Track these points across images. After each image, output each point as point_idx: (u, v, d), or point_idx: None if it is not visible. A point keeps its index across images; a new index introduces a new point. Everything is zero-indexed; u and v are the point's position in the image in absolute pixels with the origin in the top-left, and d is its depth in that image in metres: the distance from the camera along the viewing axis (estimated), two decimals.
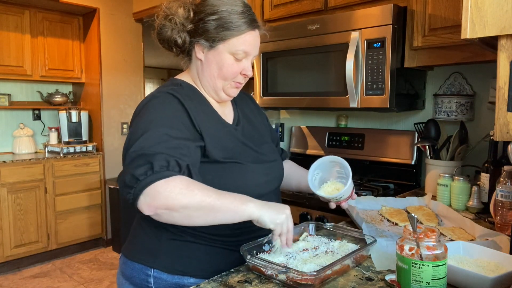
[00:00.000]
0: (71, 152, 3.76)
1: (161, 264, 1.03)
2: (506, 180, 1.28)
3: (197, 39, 1.05)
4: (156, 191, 0.84)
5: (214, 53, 1.05)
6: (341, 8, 1.99)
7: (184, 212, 0.86)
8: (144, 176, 0.85)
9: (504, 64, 0.82)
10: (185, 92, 1.05)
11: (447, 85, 1.98)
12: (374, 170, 2.17)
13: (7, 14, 3.57)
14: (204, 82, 1.10)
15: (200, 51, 1.07)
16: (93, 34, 3.96)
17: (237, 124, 1.16)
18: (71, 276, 3.34)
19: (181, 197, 0.85)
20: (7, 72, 3.59)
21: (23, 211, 3.41)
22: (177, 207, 0.85)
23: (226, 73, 1.06)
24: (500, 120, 0.83)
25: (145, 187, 0.84)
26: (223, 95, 1.11)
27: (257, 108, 1.31)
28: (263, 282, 0.91)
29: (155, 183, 0.84)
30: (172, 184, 0.85)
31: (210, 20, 1.02)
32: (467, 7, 0.84)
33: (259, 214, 0.91)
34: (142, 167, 0.86)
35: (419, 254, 0.79)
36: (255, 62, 2.24)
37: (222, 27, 1.02)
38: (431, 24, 1.67)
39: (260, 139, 1.19)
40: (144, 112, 0.98)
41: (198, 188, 0.87)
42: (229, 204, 0.89)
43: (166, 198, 0.84)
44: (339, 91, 1.89)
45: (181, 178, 0.87)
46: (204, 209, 0.87)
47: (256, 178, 1.09)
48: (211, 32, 1.03)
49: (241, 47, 1.04)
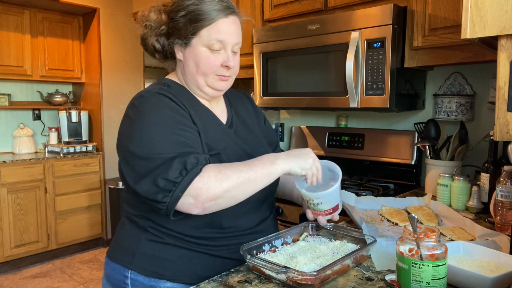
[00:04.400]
0: (71, 152, 3.76)
1: (137, 266, 1.01)
2: (506, 180, 1.28)
3: (172, 40, 1.04)
4: (197, 188, 0.86)
5: (189, 50, 1.02)
6: (341, 8, 1.99)
7: (228, 194, 0.89)
8: (180, 178, 0.86)
9: (504, 64, 0.82)
10: (174, 92, 1.03)
11: (447, 85, 1.98)
12: (374, 170, 2.17)
13: (7, 14, 3.57)
14: (188, 82, 1.07)
15: (179, 52, 1.05)
16: (93, 34, 3.96)
17: (230, 125, 1.12)
18: (71, 276, 3.34)
19: (220, 183, 0.87)
20: (7, 72, 3.59)
21: (23, 211, 3.41)
22: (221, 194, 0.87)
23: (204, 67, 1.02)
24: (500, 120, 0.83)
25: (185, 188, 0.85)
26: (209, 91, 1.07)
27: (254, 109, 1.27)
28: (263, 282, 0.91)
29: (193, 181, 0.86)
30: (206, 176, 0.87)
31: (179, 17, 1.00)
32: (467, 7, 0.84)
33: (290, 167, 0.95)
34: (174, 170, 0.86)
35: (419, 254, 0.79)
36: (255, 62, 2.25)
37: (191, 20, 0.99)
38: (431, 24, 1.67)
39: (254, 142, 1.15)
40: (140, 115, 0.95)
41: (228, 169, 0.90)
42: (261, 169, 0.92)
43: (207, 190, 0.86)
44: (339, 91, 1.89)
45: (210, 167, 0.89)
46: (243, 185, 0.89)
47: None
48: (181, 29, 1.00)
49: (213, 36, 0.99)
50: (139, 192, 0.89)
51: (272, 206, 1.19)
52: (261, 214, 1.12)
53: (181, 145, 0.91)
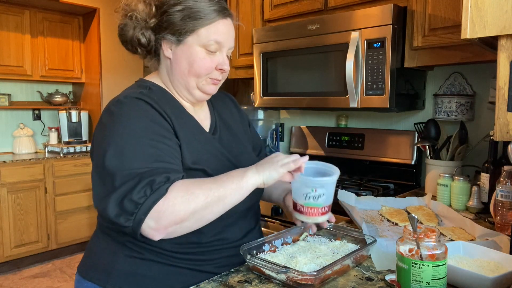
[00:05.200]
0: (71, 152, 3.76)
1: (114, 284, 0.93)
2: (506, 180, 1.28)
3: (162, 34, 0.96)
4: (160, 211, 0.78)
5: (183, 48, 0.95)
6: (341, 8, 1.99)
7: (195, 216, 0.81)
8: (144, 198, 0.78)
9: (504, 64, 0.82)
10: (155, 96, 0.95)
11: (447, 85, 1.98)
12: (374, 170, 2.17)
13: (7, 14, 3.57)
14: (175, 82, 1.00)
15: (167, 48, 0.97)
16: (93, 34, 3.96)
17: (214, 132, 1.06)
18: (71, 276, 3.34)
19: (186, 205, 0.79)
20: (7, 72, 3.59)
21: (23, 211, 3.41)
22: (187, 216, 0.80)
23: (198, 68, 0.96)
24: (500, 120, 0.83)
25: (148, 210, 0.77)
26: (198, 94, 1.00)
27: (238, 110, 1.21)
28: (263, 282, 0.91)
29: (157, 203, 0.78)
30: (172, 197, 0.79)
31: (175, 11, 0.93)
32: (467, 7, 0.84)
33: (262, 178, 0.87)
34: (140, 189, 0.78)
35: (419, 254, 0.79)
36: (255, 62, 2.25)
37: (189, 17, 0.93)
38: (431, 24, 1.67)
39: (239, 148, 1.10)
40: (115, 123, 0.87)
41: (197, 187, 0.82)
42: (231, 185, 0.84)
43: (172, 214, 0.78)
44: (339, 91, 1.89)
45: (177, 186, 0.81)
46: (212, 204, 0.82)
47: None
48: (176, 24, 0.93)
49: (212, 37, 0.94)
50: (101, 213, 0.82)
51: (258, 216, 1.15)
52: (247, 225, 1.08)
53: (154, 159, 0.83)
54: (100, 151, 0.86)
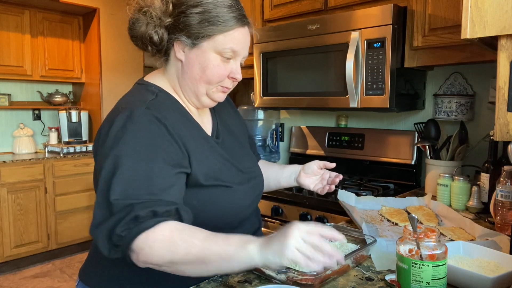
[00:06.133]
0: (71, 152, 3.76)
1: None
2: (506, 180, 1.28)
3: (177, 35, 0.91)
4: (139, 247, 0.75)
5: (197, 52, 0.91)
6: (341, 8, 1.99)
7: (173, 267, 0.76)
8: (127, 231, 0.75)
9: (504, 64, 0.82)
10: (163, 105, 0.91)
11: (447, 85, 1.98)
12: (374, 170, 2.17)
13: (7, 14, 3.57)
14: (184, 86, 0.96)
15: (180, 50, 0.93)
16: (93, 34, 3.96)
17: (217, 136, 1.03)
18: (71, 276, 3.34)
19: (164, 252, 0.74)
20: (7, 72, 3.59)
21: (23, 211, 3.41)
22: (162, 263, 0.75)
23: (211, 75, 0.92)
24: (500, 120, 0.83)
25: (130, 243, 0.75)
26: (206, 101, 0.97)
27: (234, 110, 1.19)
28: (263, 282, 0.91)
29: (137, 237, 0.74)
30: (152, 238, 0.74)
31: (193, 13, 0.89)
32: (467, 7, 0.84)
33: (262, 261, 0.72)
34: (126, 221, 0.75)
35: (419, 254, 0.79)
36: (255, 62, 2.24)
37: (207, 21, 0.89)
38: (431, 24, 1.67)
39: (241, 150, 1.08)
40: (118, 141, 0.82)
41: (182, 238, 0.75)
42: (221, 253, 0.73)
43: (148, 254, 0.75)
44: (339, 91, 1.89)
45: (164, 227, 0.76)
46: (192, 263, 0.74)
47: (243, 201, 0.99)
48: (193, 27, 0.89)
49: (228, 45, 0.91)
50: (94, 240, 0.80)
51: (260, 216, 1.15)
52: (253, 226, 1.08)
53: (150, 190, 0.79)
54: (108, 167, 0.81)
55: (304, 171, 1.22)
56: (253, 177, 1.06)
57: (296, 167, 1.24)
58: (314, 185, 1.22)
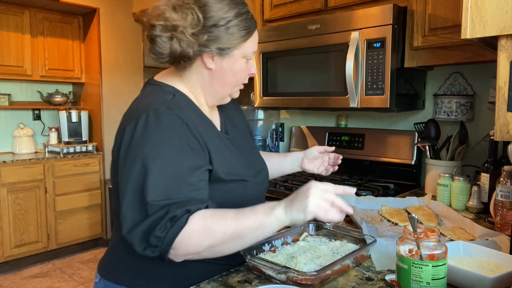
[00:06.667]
0: (71, 152, 3.76)
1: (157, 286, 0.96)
2: (506, 180, 1.28)
3: (208, 47, 0.93)
4: (178, 243, 0.80)
5: (228, 60, 0.96)
6: (341, 8, 1.99)
7: (212, 250, 0.83)
8: (165, 232, 0.79)
9: (504, 64, 0.82)
10: (182, 105, 0.94)
11: (447, 85, 1.98)
12: (374, 170, 2.17)
13: (7, 14, 3.57)
14: (211, 91, 1.00)
15: (209, 60, 0.95)
16: (93, 34, 3.96)
17: (226, 132, 1.08)
18: (71, 276, 3.34)
19: (202, 240, 0.81)
20: (7, 72, 3.59)
21: (23, 211, 3.41)
22: (202, 249, 0.82)
23: (240, 78, 1.01)
24: (500, 120, 0.83)
25: (170, 244, 0.80)
26: (227, 100, 1.06)
27: (236, 106, 1.23)
28: (263, 282, 0.91)
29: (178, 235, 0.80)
30: (188, 231, 0.80)
31: (223, 26, 0.92)
32: (467, 7, 0.84)
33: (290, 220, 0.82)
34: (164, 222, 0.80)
35: (419, 254, 0.79)
36: (255, 62, 2.24)
37: (236, 31, 0.94)
38: (431, 24, 1.67)
39: (248, 145, 1.13)
40: (145, 143, 0.85)
41: (215, 222, 0.82)
42: (253, 223, 0.81)
43: (187, 247, 0.81)
44: (339, 91, 1.89)
45: (196, 218, 0.81)
46: (230, 240, 0.82)
47: (257, 192, 1.06)
48: (224, 38, 0.93)
49: (252, 48, 0.99)
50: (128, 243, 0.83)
51: None
52: None
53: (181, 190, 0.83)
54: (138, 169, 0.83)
55: (306, 157, 1.32)
56: (261, 169, 1.11)
57: (297, 154, 1.34)
58: (317, 168, 1.32)
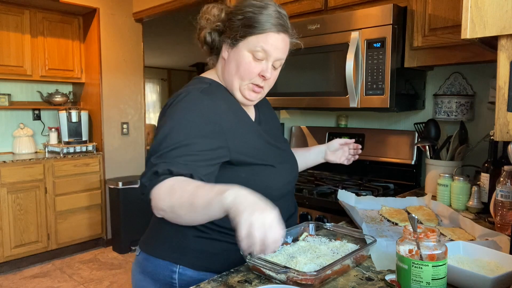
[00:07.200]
0: (71, 152, 3.76)
1: (187, 261, 1.05)
2: (506, 180, 1.28)
3: (223, 37, 1.10)
4: (153, 195, 0.89)
5: (235, 51, 1.07)
6: (341, 8, 1.99)
7: (173, 211, 0.87)
8: (148, 182, 0.90)
9: (504, 64, 0.82)
10: (214, 92, 1.08)
11: (447, 85, 1.98)
12: (374, 170, 2.17)
13: (7, 14, 3.57)
14: (225, 80, 1.13)
15: (225, 50, 1.10)
16: (93, 34, 3.96)
17: (259, 123, 1.19)
18: (71, 276, 3.34)
19: (165, 198, 0.87)
20: (7, 72, 3.59)
21: (23, 211, 3.41)
22: (165, 208, 0.88)
23: (243, 71, 1.07)
24: (500, 120, 0.83)
25: (149, 192, 0.90)
26: (239, 96, 1.11)
27: (271, 109, 1.35)
28: (263, 282, 0.91)
29: (154, 187, 0.89)
30: (159, 186, 0.88)
31: (236, 20, 1.06)
32: (467, 7, 0.84)
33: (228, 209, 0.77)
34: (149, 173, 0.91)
35: (419, 254, 0.79)
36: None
37: (245, 25, 1.05)
38: (431, 24, 1.67)
39: (279, 138, 1.25)
40: (171, 112, 1.01)
41: (179, 185, 0.87)
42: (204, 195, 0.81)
43: (156, 201, 0.89)
44: (339, 91, 1.89)
45: (173, 179, 0.88)
46: (185, 206, 0.84)
47: (284, 178, 1.13)
48: (234, 30, 1.06)
49: (260, 44, 1.04)
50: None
51: (295, 202, 1.27)
52: (288, 210, 1.19)
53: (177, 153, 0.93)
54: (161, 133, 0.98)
55: (329, 149, 1.49)
56: (289, 158, 1.22)
57: (321, 147, 1.50)
58: (339, 158, 1.50)
